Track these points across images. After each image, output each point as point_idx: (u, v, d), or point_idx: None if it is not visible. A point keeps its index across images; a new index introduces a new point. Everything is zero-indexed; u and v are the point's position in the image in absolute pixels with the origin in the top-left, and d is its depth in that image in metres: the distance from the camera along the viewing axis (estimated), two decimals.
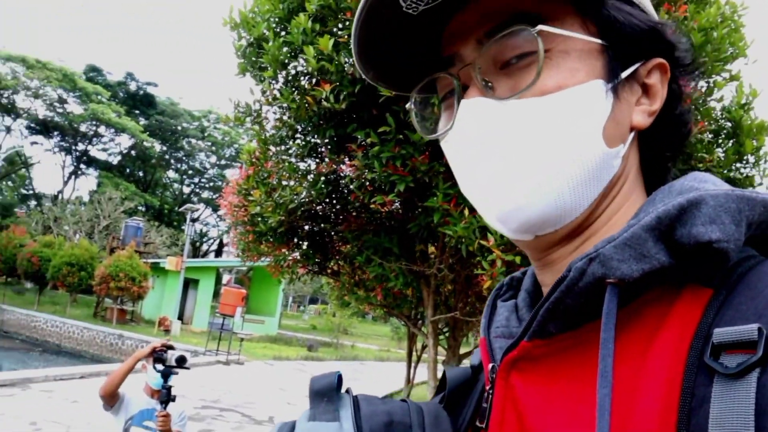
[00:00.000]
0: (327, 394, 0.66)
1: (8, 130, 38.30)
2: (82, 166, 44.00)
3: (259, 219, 4.86)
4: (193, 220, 27.73)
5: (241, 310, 19.93)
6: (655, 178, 0.65)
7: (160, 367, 3.37)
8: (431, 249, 4.76)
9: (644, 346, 0.50)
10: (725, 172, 3.93)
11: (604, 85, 0.58)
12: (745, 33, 4.08)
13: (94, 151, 44.22)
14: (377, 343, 32.34)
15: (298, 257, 5.48)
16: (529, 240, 0.62)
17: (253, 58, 3.94)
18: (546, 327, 0.55)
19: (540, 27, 0.56)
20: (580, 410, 0.51)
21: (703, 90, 3.97)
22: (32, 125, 39.63)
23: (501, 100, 0.58)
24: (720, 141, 4.11)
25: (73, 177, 43.77)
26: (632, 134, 0.60)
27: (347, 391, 0.69)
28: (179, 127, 46.07)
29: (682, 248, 0.50)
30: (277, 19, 3.80)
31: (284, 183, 4.55)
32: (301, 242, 5.44)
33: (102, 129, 41.06)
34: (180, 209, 32.73)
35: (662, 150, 0.65)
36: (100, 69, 44.17)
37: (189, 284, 25.94)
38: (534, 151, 0.57)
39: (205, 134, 46.45)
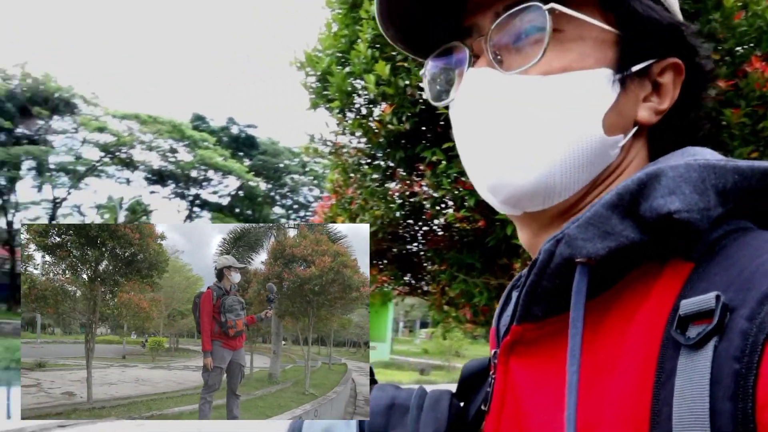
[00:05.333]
0: None
1: (128, 182, 41.54)
2: (195, 209, 46.82)
3: None
4: None
5: None
6: None
7: None
8: (518, 262, 4.69)
9: (626, 324, 0.49)
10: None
11: (612, 75, 0.58)
12: None
13: (205, 194, 46.87)
14: None
15: (386, 279, 5.57)
16: (517, 216, 0.64)
17: (322, 92, 4.11)
18: (531, 310, 0.54)
19: (552, 5, 0.56)
20: (563, 391, 0.50)
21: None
22: (149, 176, 42.70)
23: (505, 73, 0.59)
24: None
25: (188, 220, 46.67)
26: (635, 128, 0.60)
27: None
28: (281, 165, 48.00)
29: (649, 223, 0.49)
30: (339, 53, 3.97)
31: (366, 208, 4.67)
32: (389, 264, 5.53)
33: (211, 173, 43.54)
34: None
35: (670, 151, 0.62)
36: (204, 117, 46.97)
37: None
38: (529, 126, 0.57)
39: (306, 169, 48.08)
